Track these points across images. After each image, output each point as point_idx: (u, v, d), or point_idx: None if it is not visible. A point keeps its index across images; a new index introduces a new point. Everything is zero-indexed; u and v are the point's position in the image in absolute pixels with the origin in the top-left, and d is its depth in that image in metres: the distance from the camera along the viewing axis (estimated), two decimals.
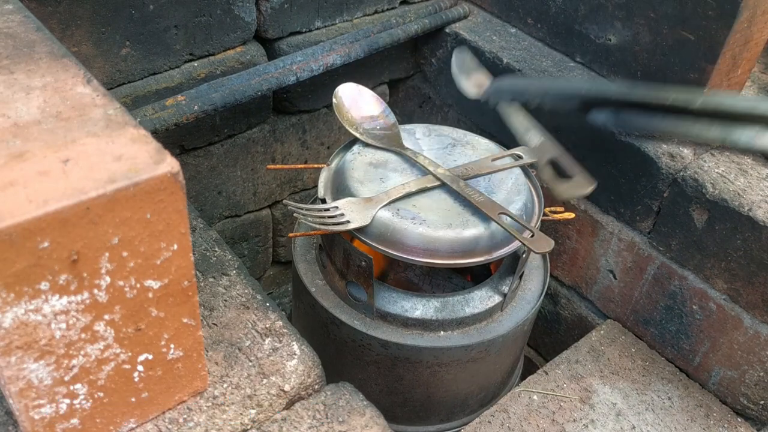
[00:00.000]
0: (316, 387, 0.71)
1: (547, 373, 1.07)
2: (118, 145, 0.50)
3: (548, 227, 1.20)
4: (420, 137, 1.03)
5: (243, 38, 1.14)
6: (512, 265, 0.99)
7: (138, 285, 0.52)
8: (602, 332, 1.16)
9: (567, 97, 0.84)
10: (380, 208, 0.88)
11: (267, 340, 0.71)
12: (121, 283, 0.51)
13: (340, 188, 0.93)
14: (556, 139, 1.12)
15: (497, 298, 0.97)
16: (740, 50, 1.02)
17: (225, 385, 0.67)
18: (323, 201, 0.93)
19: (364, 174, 0.94)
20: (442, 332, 0.94)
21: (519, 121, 0.78)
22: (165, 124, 1.00)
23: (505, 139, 1.08)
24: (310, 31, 1.21)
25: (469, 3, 1.34)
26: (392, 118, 1.03)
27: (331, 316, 0.95)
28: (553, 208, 1.02)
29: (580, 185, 0.69)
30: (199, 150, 1.18)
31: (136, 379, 0.58)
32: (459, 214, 0.89)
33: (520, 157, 1.00)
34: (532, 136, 0.75)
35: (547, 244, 0.86)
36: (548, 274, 1.05)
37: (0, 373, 0.50)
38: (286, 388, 0.68)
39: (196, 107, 1.03)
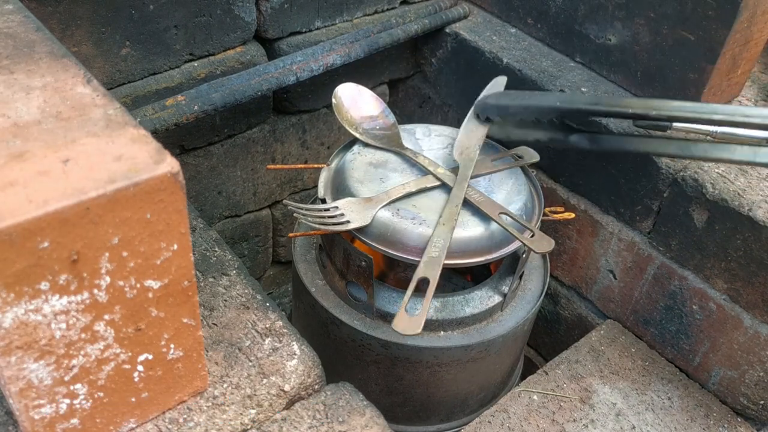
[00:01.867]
0: (316, 387, 0.71)
1: (547, 373, 1.07)
2: (118, 145, 0.50)
3: (548, 227, 1.20)
4: (420, 137, 1.03)
5: (243, 38, 1.14)
6: (512, 265, 0.99)
7: (138, 285, 0.52)
8: (602, 332, 1.16)
9: (544, 110, 0.94)
10: (380, 208, 0.88)
11: (267, 340, 0.71)
12: (121, 283, 0.51)
13: (340, 188, 0.93)
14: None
15: (497, 298, 0.97)
16: (740, 50, 1.02)
17: (225, 385, 0.67)
18: (323, 201, 0.93)
19: (364, 174, 0.94)
20: (442, 332, 0.94)
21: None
22: (165, 124, 1.00)
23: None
24: (310, 31, 1.21)
25: (469, 3, 1.34)
26: (392, 119, 1.03)
27: (331, 316, 0.95)
28: (553, 209, 1.02)
29: None
30: (199, 150, 1.18)
31: (136, 379, 0.58)
32: (459, 214, 0.89)
33: (520, 157, 1.00)
34: None
35: (548, 243, 0.86)
36: (548, 274, 1.05)
37: (0, 373, 0.50)
38: (286, 388, 0.68)
39: (196, 107, 1.03)
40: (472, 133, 1.01)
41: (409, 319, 0.79)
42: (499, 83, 1.08)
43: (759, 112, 0.86)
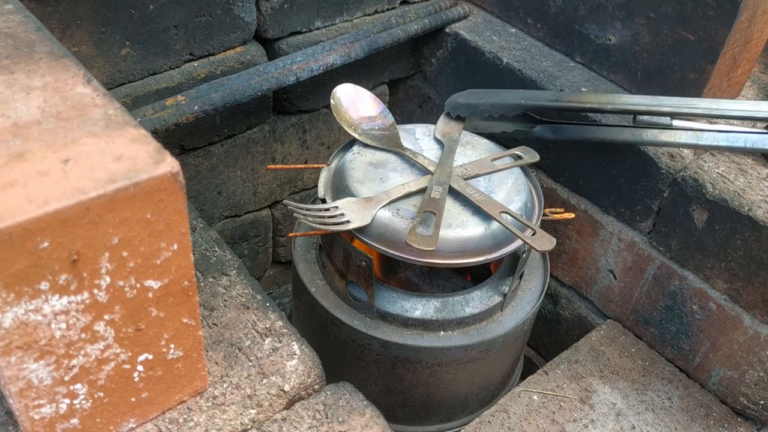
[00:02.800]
0: (316, 387, 0.71)
1: (547, 373, 1.07)
2: (118, 145, 0.50)
3: (548, 227, 1.20)
4: (420, 137, 1.03)
5: (243, 38, 1.14)
6: (512, 265, 0.99)
7: (138, 285, 0.52)
8: (602, 332, 1.16)
9: (510, 107, 1.04)
10: (380, 208, 0.88)
11: (267, 340, 0.71)
12: (121, 283, 0.51)
13: (340, 188, 0.93)
14: (559, 143, 1.13)
15: (497, 298, 0.97)
16: (740, 50, 1.02)
17: (225, 385, 0.67)
18: (323, 201, 0.93)
19: (364, 174, 0.94)
20: (442, 332, 0.94)
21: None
22: (165, 124, 1.00)
23: (505, 138, 1.08)
24: (310, 31, 1.21)
25: (469, 3, 1.34)
26: (390, 119, 1.03)
27: (331, 316, 0.95)
28: (553, 209, 1.02)
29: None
30: (199, 150, 1.18)
31: (136, 379, 0.58)
32: (459, 214, 0.89)
33: (520, 157, 1.00)
34: None
35: (549, 242, 0.85)
36: (548, 274, 1.05)
37: (0, 373, 0.50)
38: (286, 388, 0.68)
39: (196, 107, 1.03)
40: (449, 125, 1.07)
41: (422, 237, 0.82)
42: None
43: (703, 104, 0.96)
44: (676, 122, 1.03)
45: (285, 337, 0.72)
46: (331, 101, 1.01)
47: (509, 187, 0.95)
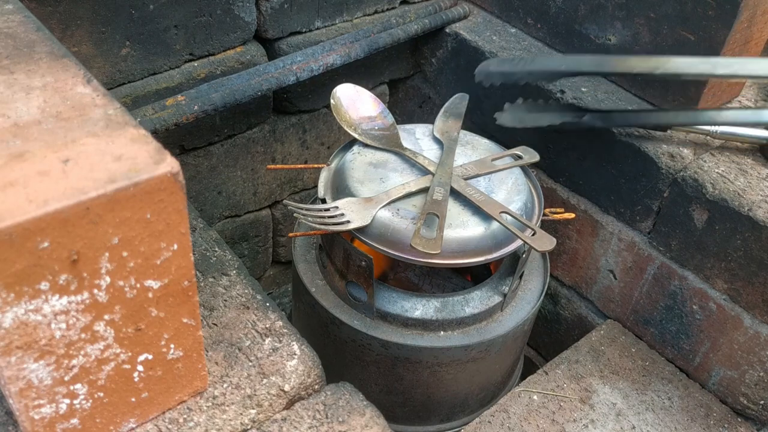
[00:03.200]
0: (316, 387, 0.71)
1: (547, 373, 1.07)
2: (118, 145, 0.50)
3: (548, 227, 1.20)
4: (420, 137, 1.03)
5: (243, 38, 1.14)
6: (512, 265, 0.99)
7: (138, 285, 0.52)
8: (602, 332, 1.16)
9: (549, 75, 0.99)
10: (380, 208, 0.88)
11: (267, 340, 0.71)
12: (121, 283, 0.51)
13: (340, 188, 0.93)
14: (559, 139, 1.13)
15: (497, 298, 0.97)
16: (740, 50, 1.02)
17: (225, 385, 0.67)
18: (323, 201, 0.93)
19: (364, 174, 0.94)
20: (442, 332, 0.94)
21: None
22: (165, 124, 1.00)
23: (505, 138, 1.08)
24: (310, 31, 1.21)
25: (469, 3, 1.34)
26: (390, 119, 1.03)
27: (331, 316, 0.95)
28: (553, 209, 1.02)
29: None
30: (199, 150, 1.18)
31: (136, 379, 0.58)
32: (459, 214, 0.89)
33: (520, 157, 1.00)
34: None
35: (549, 242, 0.86)
36: (548, 274, 1.05)
37: (0, 373, 0.50)
38: (286, 388, 0.68)
39: (196, 107, 1.03)
40: (447, 122, 1.05)
41: (426, 240, 0.81)
42: (460, 98, 1.11)
43: (760, 64, 0.91)
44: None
45: (285, 337, 0.72)
46: (331, 101, 1.01)
47: (509, 187, 0.95)
